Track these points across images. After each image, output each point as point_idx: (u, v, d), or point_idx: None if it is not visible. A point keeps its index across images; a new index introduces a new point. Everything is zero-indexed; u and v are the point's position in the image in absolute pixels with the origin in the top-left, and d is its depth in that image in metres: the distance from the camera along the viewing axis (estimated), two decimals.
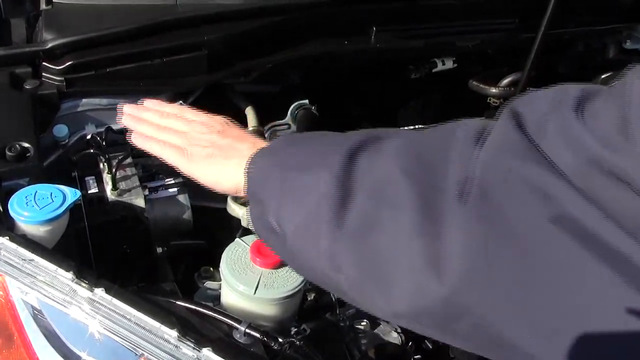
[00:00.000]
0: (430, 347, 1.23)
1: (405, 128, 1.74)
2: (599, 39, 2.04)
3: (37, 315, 1.04)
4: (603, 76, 1.88)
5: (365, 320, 1.21)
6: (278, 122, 1.58)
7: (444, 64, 1.79)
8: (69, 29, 1.39)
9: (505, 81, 1.83)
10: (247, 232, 1.26)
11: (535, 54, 0.83)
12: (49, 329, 1.02)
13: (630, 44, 2.01)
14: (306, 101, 1.61)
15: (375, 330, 1.21)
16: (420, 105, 1.98)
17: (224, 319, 1.05)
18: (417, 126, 1.76)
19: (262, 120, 1.55)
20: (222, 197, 1.37)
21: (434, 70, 1.80)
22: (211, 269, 1.28)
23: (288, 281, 1.08)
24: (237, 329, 1.03)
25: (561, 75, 2.01)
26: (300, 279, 1.09)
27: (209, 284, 1.24)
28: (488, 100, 1.88)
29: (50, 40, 1.35)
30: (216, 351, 0.95)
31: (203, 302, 1.10)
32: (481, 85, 1.82)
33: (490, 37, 1.77)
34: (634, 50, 2.02)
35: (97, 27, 1.39)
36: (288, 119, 1.59)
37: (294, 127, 1.57)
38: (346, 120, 1.83)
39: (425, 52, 1.78)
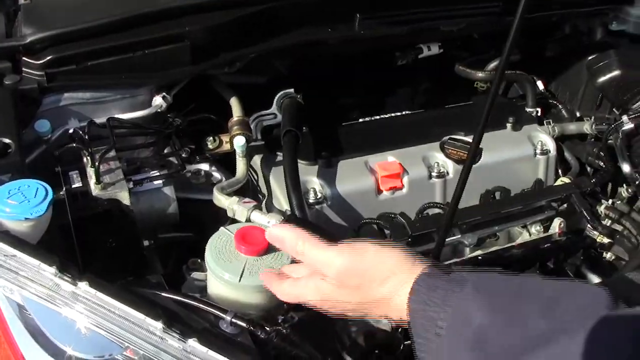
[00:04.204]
0: None
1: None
2: (586, 21, 2.03)
3: (21, 312, 1.03)
4: (589, 58, 1.87)
5: None
6: (264, 112, 1.57)
7: (429, 50, 1.79)
8: (48, 22, 1.37)
9: (492, 65, 1.82)
10: (233, 222, 1.25)
11: (513, 38, 0.81)
12: (34, 325, 1.02)
13: (616, 26, 2.00)
14: (291, 90, 1.60)
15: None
16: (407, 91, 1.97)
17: (210, 309, 1.05)
18: (404, 112, 1.76)
19: (248, 110, 1.55)
20: (208, 189, 1.36)
21: (420, 56, 1.79)
22: (199, 260, 1.27)
23: (273, 268, 1.07)
24: (223, 319, 1.02)
25: (548, 58, 2.00)
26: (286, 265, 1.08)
27: (196, 275, 1.24)
28: (475, 85, 1.88)
29: (30, 34, 1.34)
30: (202, 342, 0.94)
31: (189, 294, 1.09)
32: (468, 70, 1.81)
33: (475, 21, 1.76)
34: (619, 31, 2.02)
35: (78, 20, 1.38)
36: (274, 108, 1.59)
37: (279, 117, 1.57)
38: (333, 109, 1.82)
39: (410, 38, 1.77)
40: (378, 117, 1.73)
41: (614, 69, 1.75)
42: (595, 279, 1.49)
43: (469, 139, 1.63)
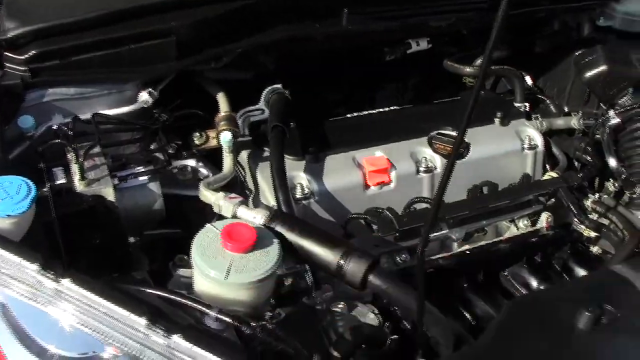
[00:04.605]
0: (409, 327, 1.23)
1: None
2: (574, 16, 2.03)
3: (4, 311, 1.02)
4: (577, 54, 1.87)
5: (342, 302, 1.20)
6: (251, 107, 1.57)
7: (418, 45, 1.78)
8: (32, 17, 1.35)
9: (479, 61, 1.82)
10: (220, 218, 1.24)
11: (497, 33, 0.81)
12: (16, 324, 1.00)
13: (604, 21, 2.00)
14: (279, 86, 1.59)
15: (352, 312, 1.20)
16: (396, 87, 1.97)
17: (195, 305, 1.04)
18: (392, 108, 1.75)
19: (235, 106, 1.54)
20: (195, 185, 1.35)
21: (408, 52, 1.78)
22: (185, 257, 1.26)
23: (259, 265, 1.07)
24: (208, 315, 1.02)
25: (537, 54, 2.00)
26: (272, 263, 1.07)
27: (183, 271, 1.23)
28: (463, 80, 1.88)
29: (12, 29, 1.32)
30: (186, 338, 0.93)
31: (174, 290, 1.08)
32: (456, 65, 1.81)
33: (464, 16, 1.76)
34: (607, 27, 2.02)
35: (62, 15, 1.36)
36: (261, 104, 1.58)
37: (267, 112, 1.56)
38: (321, 104, 1.81)
39: (399, 34, 1.76)
40: (366, 112, 1.73)
41: (600, 64, 1.75)
42: (582, 273, 1.49)
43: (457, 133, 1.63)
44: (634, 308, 1.10)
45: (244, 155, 1.50)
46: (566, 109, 1.90)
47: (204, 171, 1.46)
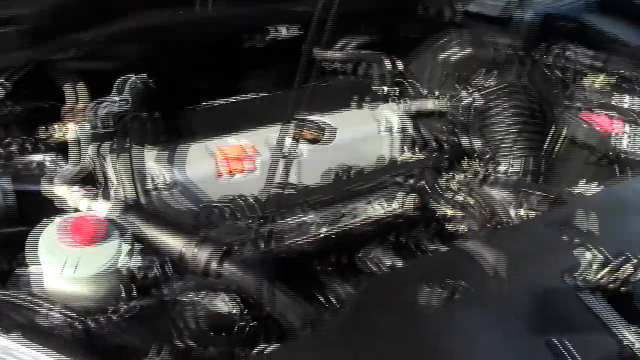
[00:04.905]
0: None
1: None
2: (438, 1, 2.10)
3: None
4: (439, 37, 1.93)
5: (193, 292, 1.21)
6: (107, 97, 1.53)
7: (278, 31, 1.79)
8: None
9: (339, 45, 1.85)
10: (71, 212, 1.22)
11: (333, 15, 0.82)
12: None
13: (463, 6, 2.08)
14: (139, 75, 1.57)
15: (203, 302, 1.21)
16: (261, 74, 1.97)
17: (36, 303, 1.02)
18: (258, 95, 1.76)
19: (93, 96, 1.50)
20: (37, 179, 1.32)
21: (268, 38, 1.79)
22: (30, 254, 1.23)
23: (99, 259, 1.06)
24: (45, 312, 1.00)
25: (404, 38, 2.05)
26: (112, 256, 1.07)
27: (24, 269, 1.20)
28: (323, 65, 1.90)
29: None
30: (21, 337, 0.92)
31: (11, 289, 1.06)
32: (317, 51, 1.83)
33: (327, 2, 1.78)
34: (470, 12, 2.11)
35: None
36: (119, 94, 1.55)
37: (123, 103, 1.53)
38: (185, 93, 1.80)
39: (261, 20, 1.77)
40: (232, 100, 1.73)
41: (460, 47, 1.81)
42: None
43: (322, 118, 1.67)
44: (482, 282, 1.16)
45: (98, 146, 1.47)
46: (431, 92, 1.96)
47: (51, 165, 1.43)
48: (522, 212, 1.61)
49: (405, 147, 1.77)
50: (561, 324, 1.10)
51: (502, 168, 1.73)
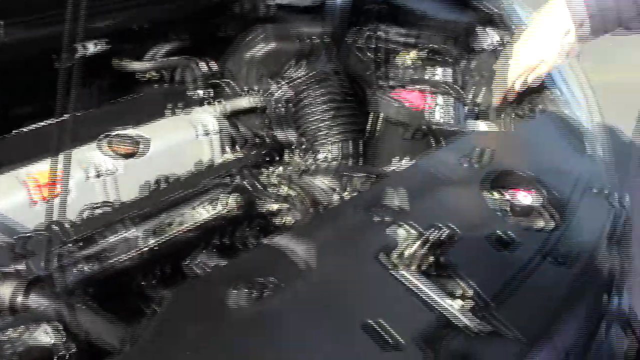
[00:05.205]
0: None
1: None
2: None
3: None
4: (246, 34, 1.95)
5: (10, 329, 1.17)
6: None
7: (86, 48, 1.75)
8: None
9: (150, 54, 1.84)
10: None
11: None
12: None
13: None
14: None
15: (23, 337, 1.18)
16: (72, 94, 1.91)
17: None
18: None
19: None
20: None
21: (78, 56, 1.74)
22: None
23: None
24: None
25: (219, 38, 2.06)
26: None
27: None
28: (136, 76, 1.88)
29: None
30: None
31: None
32: (122, 63, 1.81)
33: (130, 13, 1.76)
34: (281, 5, 2.15)
35: None
36: None
37: None
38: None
39: (65, 39, 1.72)
40: (40, 124, 1.67)
41: (262, 42, 1.84)
42: None
43: (136, 131, 1.65)
44: (294, 277, 1.17)
45: None
46: (246, 89, 1.97)
47: None
48: (346, 195, 1.68)
49: (226, 147, 1.78)
50: (377, 305, 1.14)
51: (321, 156, 1.78)
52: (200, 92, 1.81)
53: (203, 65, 1.89)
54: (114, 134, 1.60)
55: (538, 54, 1.68)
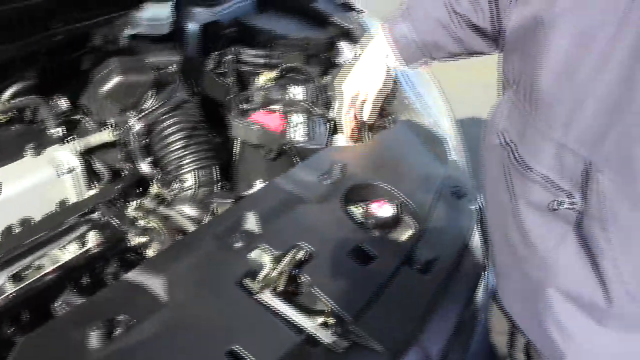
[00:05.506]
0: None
1: None
2: (109, 29, 2.09)
3: None
4: (97, 69, 1.91)
5: None
6: None
7: None
8: None
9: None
10: None
11: None
12: None
13: (131, 29, 2.10)
14: None
15: None
16: None
17: None
18: None
19: None
20: None
21: None
22: None
23: None
24: None
25: (79, 72, 2.00)
26: None
27: None
28: None
29: None
30: None
31: None
32: None
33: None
34: (141, 35, 2.13)
35: None
36: None
37: None
38: None
39: None
40: None
41: (114, 76, 1.80)
42: None
43: None
44: (148, 310, 1.16)
45: None
46: (103, 123, 1.92)
47: None
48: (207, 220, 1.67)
49: (89, 184, 1.74)
50: (241, 331, 1.15)
51: (176, 185, 1.78)
52: (59, 129, 1.75)
53: (55, 104, 1.83)
54: None
55: (356, 85, 1.76)
